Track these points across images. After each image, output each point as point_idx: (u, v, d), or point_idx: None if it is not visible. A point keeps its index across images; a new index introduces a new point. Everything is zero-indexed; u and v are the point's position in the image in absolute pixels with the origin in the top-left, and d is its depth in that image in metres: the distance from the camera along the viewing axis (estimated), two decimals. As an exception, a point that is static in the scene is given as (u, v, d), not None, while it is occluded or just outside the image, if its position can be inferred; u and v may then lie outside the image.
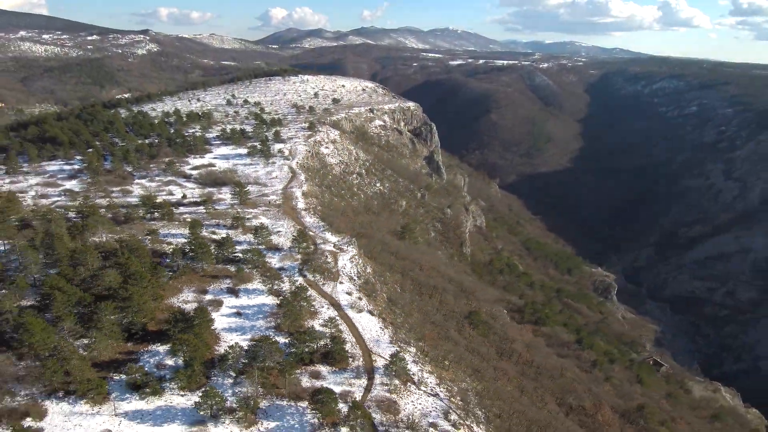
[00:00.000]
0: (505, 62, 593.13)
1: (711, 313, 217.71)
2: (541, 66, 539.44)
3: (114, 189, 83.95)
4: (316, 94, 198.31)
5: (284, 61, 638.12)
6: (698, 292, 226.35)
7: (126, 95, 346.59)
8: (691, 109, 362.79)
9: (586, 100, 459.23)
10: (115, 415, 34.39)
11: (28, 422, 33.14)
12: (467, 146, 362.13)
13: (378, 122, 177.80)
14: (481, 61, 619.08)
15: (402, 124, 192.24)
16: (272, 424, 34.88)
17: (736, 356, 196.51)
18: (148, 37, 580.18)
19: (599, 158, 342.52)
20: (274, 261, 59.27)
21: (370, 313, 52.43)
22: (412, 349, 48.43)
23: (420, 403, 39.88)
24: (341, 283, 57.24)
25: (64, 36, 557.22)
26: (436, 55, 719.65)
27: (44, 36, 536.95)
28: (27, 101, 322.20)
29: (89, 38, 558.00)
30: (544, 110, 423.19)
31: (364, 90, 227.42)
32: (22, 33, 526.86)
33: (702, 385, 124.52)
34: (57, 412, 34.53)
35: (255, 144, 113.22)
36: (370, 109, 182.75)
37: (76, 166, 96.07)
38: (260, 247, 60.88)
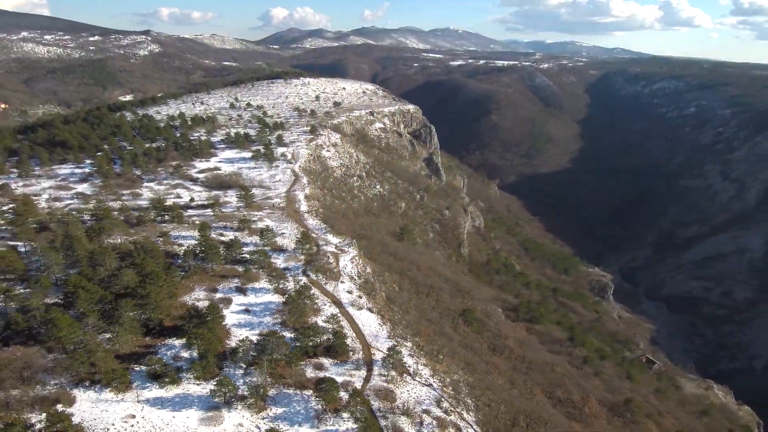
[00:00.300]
0: (506, 63, 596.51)
1: (708, 313, 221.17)
2: (541, 66, 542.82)
3: (124, 192, 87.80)
4: (317, 97, 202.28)
5: (285, 62, 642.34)
6: (695, 292, 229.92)
7: (128, 96, 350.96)
8: (690, 110, 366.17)
9: (586, 100, 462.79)
10: (138, 402, 38.03)
11: (59, 408, 36.86)
12: (467, 147, 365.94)
13: (378, 125, 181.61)
14: (481, 62, 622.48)
15: (402, 126, 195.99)
16: (280, 410, 38.63)
17: (731, 355, 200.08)
18: (149, 38, 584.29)
19: (599, 158, 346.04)
20: (279, 261, 63.02)
21: (370, 310, 56.20)
22: (409, 344, 52.24)
23: (415, 392, 43.67)
24: (342, 282, 61.02)
25: (66, 37, 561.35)
26: (437, 56, 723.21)
27: (46, 37, 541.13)
28: (30, 102, 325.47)
29: (91, 39, 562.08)
30: (544, 111, 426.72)
31: (364, 92, 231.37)
32: (24, 34, 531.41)
33: (694, 382, 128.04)
34: (85, 399, 38.12)
35: (259, 148, 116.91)
36: (370, 111, 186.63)
37: (86, 170, 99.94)
38: (266, 248, 64.62)
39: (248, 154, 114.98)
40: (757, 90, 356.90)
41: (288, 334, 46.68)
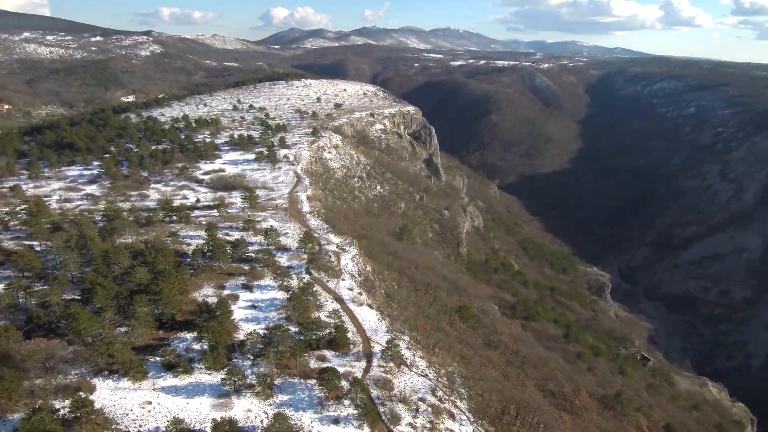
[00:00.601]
0: (506, 63, 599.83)
1: (706, 312, 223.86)
2: (541, 66, 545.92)
3: (132, 193, 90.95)
4: (318, 99, 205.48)
5: (286, 62, 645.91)
6: (693, 292, 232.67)
7: (131, 97, 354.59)
8: (690, 110, 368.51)
9: (586, 100, 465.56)
10: (154, 390, 41.06)
11: (81, 395, 39.89)
12: (467, 147, 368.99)
13: (378, 126, 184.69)
14: (482, 62, 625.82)
15: (402, 127, 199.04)
16: (286, 397, 41.73)
17: (728, 354, 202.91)
18: (151, 38, 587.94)
19: (599, 158, 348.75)
20: (283, 260, 66.13)
21: (370, 306, 59.29)
22: (406, 338, 55.34)
23: (411, 382, 46.76)
24: (343, 280, 64.13)
25: (68, 37, 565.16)
26: (438, 56, 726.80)
27: (48, 37, 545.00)
28: (33, 103, 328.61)
29: (93, 39, 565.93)
30: (544, 111, 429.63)
31: (365, 94, 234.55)
32: (26, 34, 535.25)
33: (689, 379, 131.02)
34: (104, 387, 41.14)
35: (262, 150, 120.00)
36: (371, 113, 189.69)
37: (94, 171, 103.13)
38: (270, 247, 67.73)
39: (252, 156, 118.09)
40: (756, 90, 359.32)
41: (292, 328, 49.67)
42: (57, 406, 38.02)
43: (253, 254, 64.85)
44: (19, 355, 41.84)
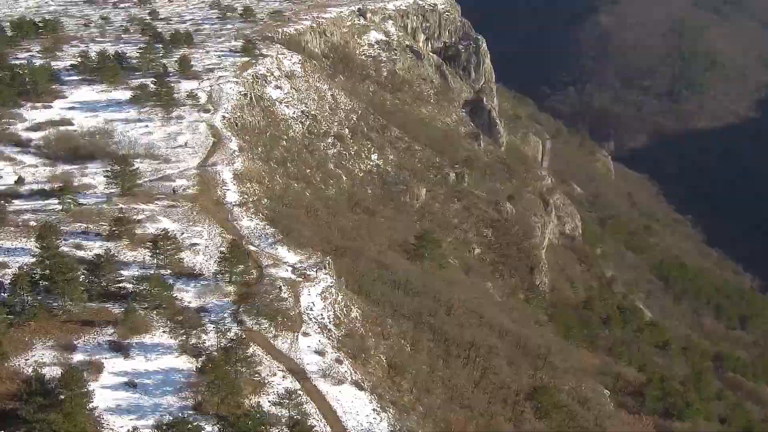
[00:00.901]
0: None
1: None
2: None
3: None
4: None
5: None
6: None
7: None
8: None
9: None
10: None
11: None
12: (551, 79, 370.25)
13: (375, 35, 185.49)
14: None
15: (422, 37, 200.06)
16: None
17: None
18: None
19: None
20: (188, 296, 67.12)
21: (358, 385, 60.33)
22: (430, 447, 56.56)
23: None
24: (306, 334, 65.11)
25: None
26: None
27: None
28: None
29: None
30: (704, 6, 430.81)
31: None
32: None
33: None
34: None
35: (144, 82, 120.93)
36: (358, 9, 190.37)
37: None
38: (163, 271, 68.78)
39: (124, 95, 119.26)
40: None
41: (208, 427, 50.77)
42: None
43: (129, 285, 65.89)
44: None
